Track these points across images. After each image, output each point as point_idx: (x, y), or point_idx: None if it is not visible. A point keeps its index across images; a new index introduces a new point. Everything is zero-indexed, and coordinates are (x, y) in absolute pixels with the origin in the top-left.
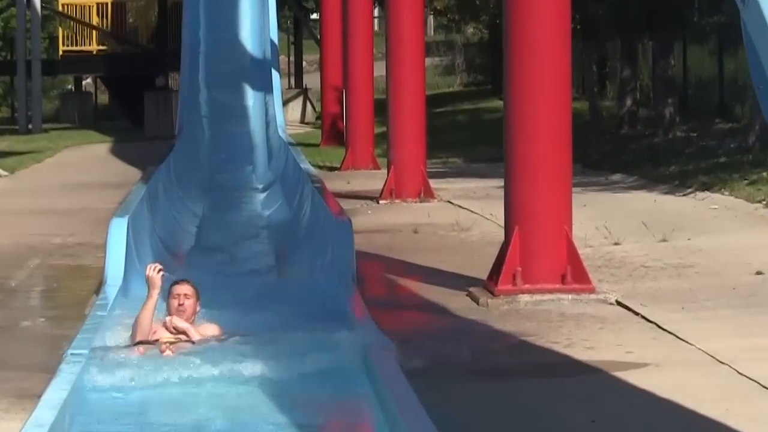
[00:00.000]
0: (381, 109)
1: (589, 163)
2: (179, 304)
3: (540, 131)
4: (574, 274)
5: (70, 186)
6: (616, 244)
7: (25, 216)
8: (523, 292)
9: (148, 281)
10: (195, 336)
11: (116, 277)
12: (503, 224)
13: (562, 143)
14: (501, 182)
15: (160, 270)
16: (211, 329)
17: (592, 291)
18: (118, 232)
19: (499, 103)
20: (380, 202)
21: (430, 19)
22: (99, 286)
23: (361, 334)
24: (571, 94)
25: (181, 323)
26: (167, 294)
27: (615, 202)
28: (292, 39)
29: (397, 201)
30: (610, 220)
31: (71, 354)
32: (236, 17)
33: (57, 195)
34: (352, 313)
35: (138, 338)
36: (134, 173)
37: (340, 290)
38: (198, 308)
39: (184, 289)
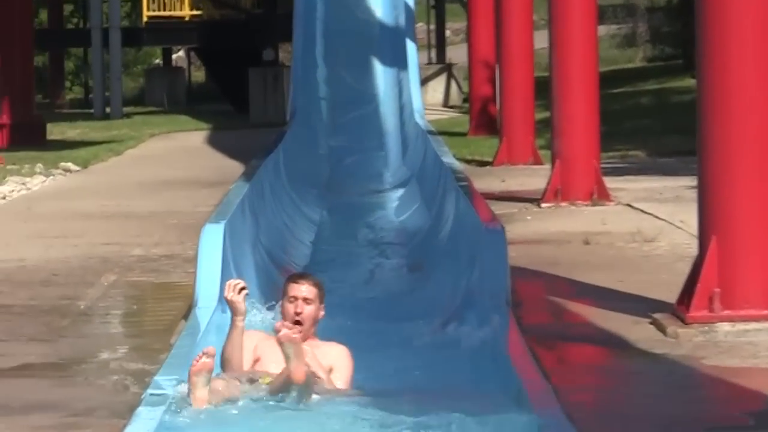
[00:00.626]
0: (543, 90)
1: None
2: (296, 313)
3: (741, 117)
4: None
5: (155, 184)
6: None
7: (98, 221)
8: (722, 320)
9: (229, 305)
10: (321, 376)
11: (209, 297)
12: (697, 234)
13: None
14: (694, 181)
15: (242, 289)
16: (336, 355)
17: None
18: (211, 241)
19: (692, 82)
20: (542, 205)
21: None
22: (188, 310)
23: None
24: None
25: (300, 358)
26: (281, 293)
27: None
28: (432, 2)
29: (563, 204)
30: None
31: (151, 395)
32: None
33: (139, 195)
34: (507, 352)
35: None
36: (235, 168)
37: (491, 318)
38: (321, 313)
39: (304, 290)
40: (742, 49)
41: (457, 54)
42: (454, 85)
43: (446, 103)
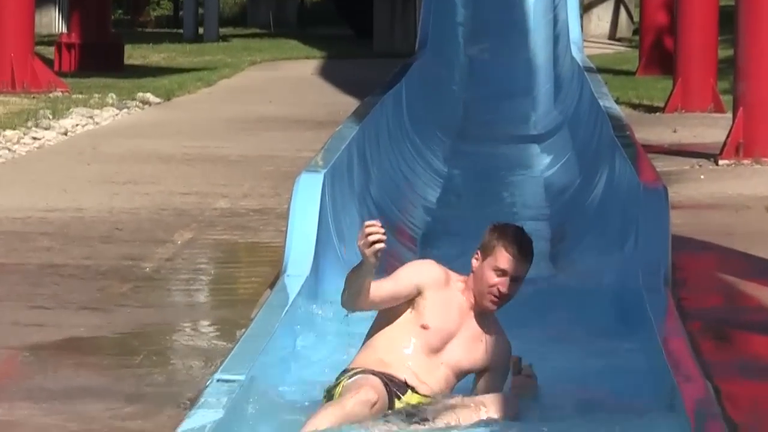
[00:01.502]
0: (729, 22)
1: None
2: (500, 294)
3: None
4: None
5: (251, 122)
6: None
7: (177, 165)
8: None
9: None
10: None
11: (302, 263)
12: None
13: None
14: None
15: (376, 242)
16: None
17: None
18: (307, 194)
19: None
20: (720, 162)
21: None
22: (276, 277)
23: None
24: None
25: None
26: (483, 246)
27: None
28: None
29: (746, 161)
30: None
31: (218, 380)
32: None
33: (230, 135)
34: (661, 344)
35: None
36: (350, 106)
37: (646, 299)
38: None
39: (524, 270)
40: None
41: None
42: (623, 13)
43: (613, 35)
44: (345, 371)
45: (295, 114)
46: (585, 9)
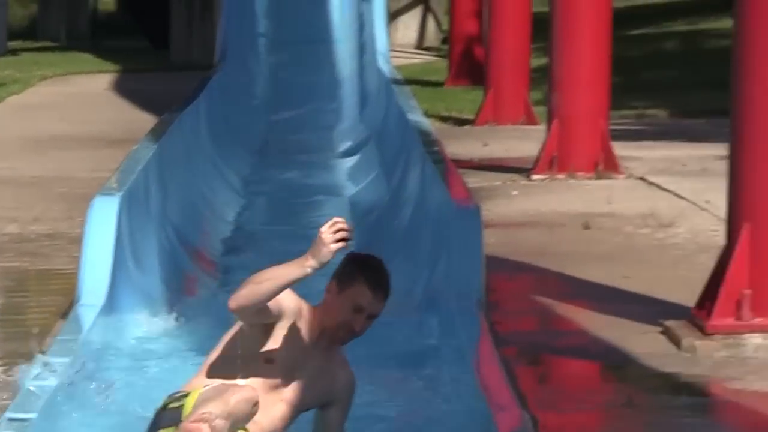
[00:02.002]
0: (542, 30)
1: None
2: (353, 331)
3: None
4: None
5: (43, 141)
6: None
7: None
8: (753, 330)
9: (316, 243)
10: None
11: (96, 291)
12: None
13: None
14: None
15: (342, 240)
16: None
17: None
18: (102, 218)
19: (730, 24)
20: (533, 177)
21: None
22: (69, 306)
23: None
24: None
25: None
26: (339, 279)
27: None
28: None
29: (560, 176)
30: None
31: (9, 419)
32: None
33: (20, 155)
34: (474, 369)
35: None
36: (148, 123)
37: (459, 324)
38: None
39: (380, 308)
40: None
41: None
42: (431, 21)
43: (420, 45)
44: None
45: (90, 132)
46: (391, 17)
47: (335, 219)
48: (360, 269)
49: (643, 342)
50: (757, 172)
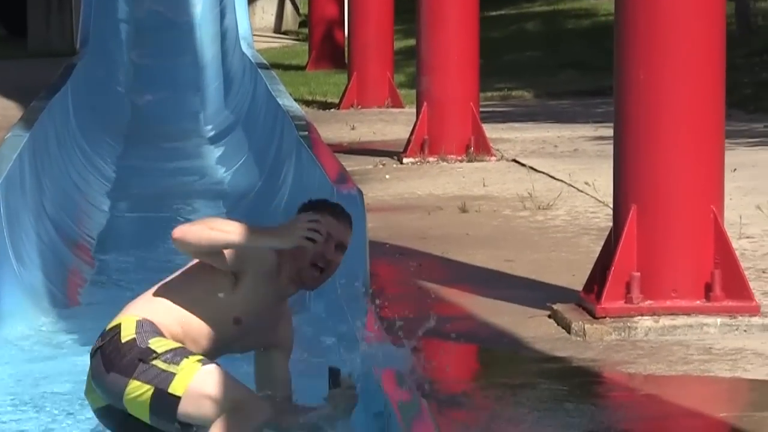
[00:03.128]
0: (405, 12)
1: (739, 100)
2: (324, 262)
3: (674, 46)
4: (725, 283)
5: None
6: None
7: None
8: (642, 313)
9: (289, 227)
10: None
11: None
12: (609, 200)
13: (709, 68)
14: (595, 130)
15: (314, 236)
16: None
17: (756, 311)
18: None
19: (590, 2)
20: (405, 160)
21: None
22: None
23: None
24: None
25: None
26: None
27: None
28: None
29: (431, 159)
30: None
31: None
32: None
33: None
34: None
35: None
36: (9, 111)
37: (346, 310)
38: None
39: (347, 236)
40: None
41: None
42: (288, 5)
43: (279, 29)
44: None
45: None
46: (249, 1)
47: (317, 218)
48: (321, 204)
49: (531, 326)
50: (641, 153)
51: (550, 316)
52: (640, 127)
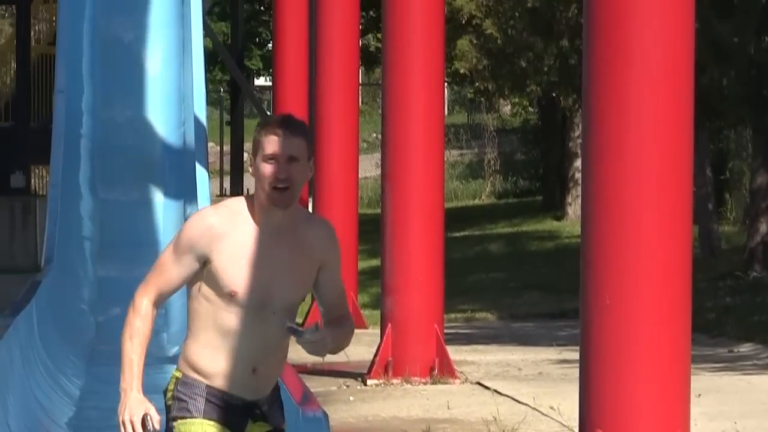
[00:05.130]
0: (369, 231)
1: (702, 324)
2: (278, 179)
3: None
4: None
5: None
6: None
7: None
8: None
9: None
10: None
11: None
12: (575, 425)
13: (674, 289)
14: (559, 354)
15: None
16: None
17: None
18: None
19: (554, 225)
20: (369, 382)
21: (446, 91)
22: None
23: None
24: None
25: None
26: (254, 147)
27: (748, 391)
28: (227, 117)
29: (395, 381)
30: (742, 419)
31: None
32: (140, 77)
33: None
34: None
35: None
36: None
37: None
38: (310, 173)
39: (293, 145)
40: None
41: None
42: None
43: None
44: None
45: None
46: None
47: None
48: (260, 128)
49: None
50: (607, 378)
51: None
52: (605, 352)
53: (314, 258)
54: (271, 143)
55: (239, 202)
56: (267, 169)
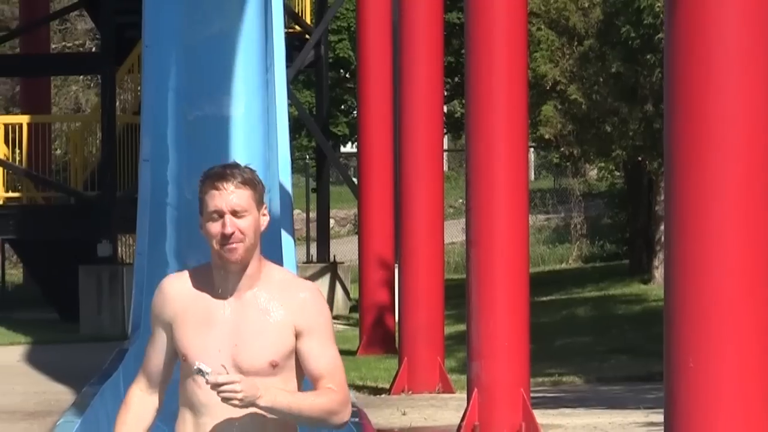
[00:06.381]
0: (456, 296)
1: None
2: (224, 235)
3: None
4: None
5: None
6: None
7: None
8: None
9: None
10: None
11: None
12: None
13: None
14: (646, 417)
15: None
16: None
17: None
18: None
19: (640, 288)
20: None
21: (532, 155)
22: None
23: None
24: None
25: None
26: (199, 205)
27: None
28: (313, 184)
29: None
30: None
31: None
32: (224, 146)
33: None
34: None
35: None
36: (61, 395)
37: None
38: (266, 219)
39: (233, 197)
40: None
41: (345, 249)
42: (339, 290)
43: (330, 314)
44: None
45: (4, 404)
46: None
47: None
48: (200, 187)
49: None
50: None
51: None
52: (689, 416)
53: (285, 321)
54: (213, 199)
55: (203, 267)
56: (213, 227)
